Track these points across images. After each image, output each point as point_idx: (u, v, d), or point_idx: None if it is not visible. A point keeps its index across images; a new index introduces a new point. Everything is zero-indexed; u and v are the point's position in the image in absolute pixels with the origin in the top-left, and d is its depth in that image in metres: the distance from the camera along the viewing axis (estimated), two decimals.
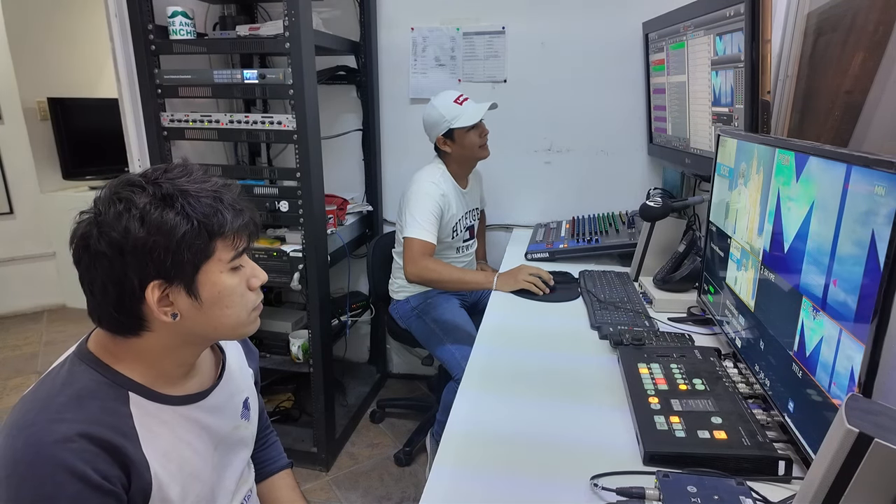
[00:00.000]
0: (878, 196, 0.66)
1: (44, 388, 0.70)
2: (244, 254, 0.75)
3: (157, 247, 0.66)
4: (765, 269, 0.97)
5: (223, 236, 0.71)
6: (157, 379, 0.75)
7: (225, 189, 0.73)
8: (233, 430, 0.87)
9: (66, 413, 0.65)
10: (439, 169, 1.91)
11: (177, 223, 0.67)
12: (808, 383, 0.80)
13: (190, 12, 1.82)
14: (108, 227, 0.66)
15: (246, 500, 0.92)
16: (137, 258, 0.66)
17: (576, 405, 1.03)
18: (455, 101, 1.83)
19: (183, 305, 0.71)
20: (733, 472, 0.80)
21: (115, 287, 0.68)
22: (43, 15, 3.31)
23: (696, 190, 1.94)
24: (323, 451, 2.05)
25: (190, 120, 1.86)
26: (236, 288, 0.74)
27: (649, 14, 1.95)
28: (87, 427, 0.65)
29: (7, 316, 3.42)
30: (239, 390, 0.90)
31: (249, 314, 0.77)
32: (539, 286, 1.56)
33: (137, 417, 0.71)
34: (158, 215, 0.66)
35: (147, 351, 0.73)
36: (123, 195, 0.68)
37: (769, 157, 0.98)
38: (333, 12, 2.28)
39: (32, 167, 3.35)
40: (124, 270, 0.67)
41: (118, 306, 0.69)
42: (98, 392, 0.69)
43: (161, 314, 0.69)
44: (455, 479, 0.84)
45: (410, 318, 1.95)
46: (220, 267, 0.72)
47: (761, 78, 1.24)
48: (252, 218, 0.75)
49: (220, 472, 0.84)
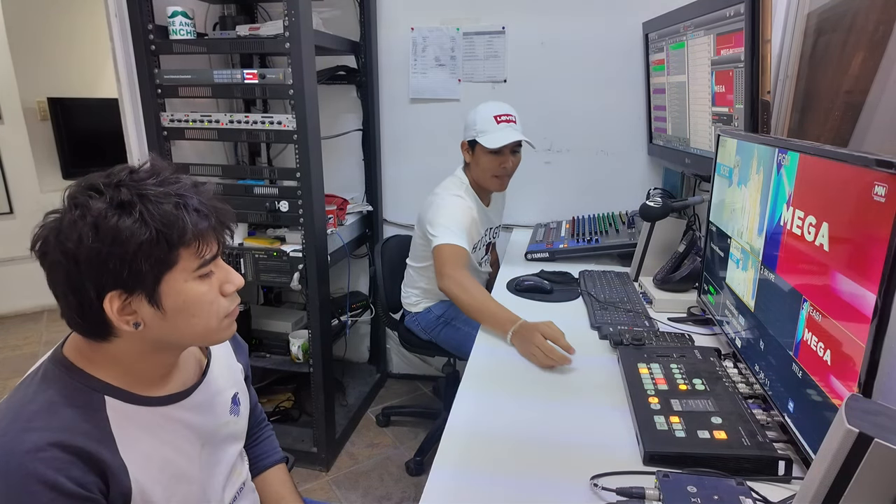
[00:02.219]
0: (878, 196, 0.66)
1: (17, 396, 0.68)
2: (216, 259, 0.71)
3: (111, 257, 0.63)
4: (765, 269, 0.97)
5: (186, 244, 0.67)
6: (135, 381, 0.73)
7: (192, 191, 0.68)
8: (220, 426, 0.85)
9: (38, 421, 0.64)
10: (463, 183, 1.81)
11: (133, 232, 0.63)
12: (808, 383, 0.80)
13: (190, 12, 1.82)
14: (63, 236, 0.63)
15: (239, 492, 0.91)
16: (92, 268, 0.63)
17: (576, 405, 1.03)
18: (495, 117, 1.70)
19: (146, 314, 0.67)
20: (733, 472, 0.80)
21: (75, 295, 0.65)
22: (43, 15, 3.31)
23: (696, 190, 1.94)
24: (323, 451, 2.05)
25: (190, 120, 1.86)
26: (204, 296, 0.70)
27: (649, 14, 1.95)
28: (59, 435, 0.63)
29: (7, 316, 3.42)
30: (226, 386, 0.89)
31: (220, 321, 0.73)
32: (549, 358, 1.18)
33: (114, 421, 0.69)
34: (114, 224, 0.62)
35: (120, 355, 0.71)
36: (80, 200, 0.64)
37: (769, 157, 0.98)
38: (333, 12, 2.28)
39: (32, 167, 3.35)
40: (81, 280, 0.64)
41: (80, 313, 0.67)
42: (72, 398, 0.68)
43: (122, 323, 0.67)
44: (455, 479, 0.84)
45: (436, 327, 1.89)
46: (185, 276, 0.68)
47: (761, 78, 1.24)
48: (221, 221, 0.71)
49: (210, 470, 0.83)
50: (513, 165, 1.77)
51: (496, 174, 1.76)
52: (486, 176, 1.77)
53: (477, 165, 1.76)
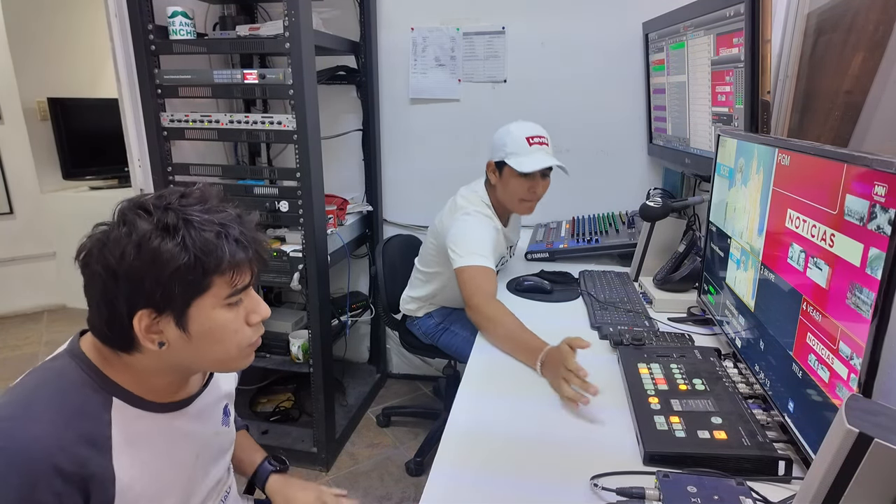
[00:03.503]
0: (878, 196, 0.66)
1: (30, 381, 0.70)
2: (247, 289, 0.73)
3: (148, 277, 0.65)
4: (764, 269, 0.97)
5: (221, 273, 0.68)
6: (145, 390, 0.74)
7: (234, 222, 0.70)
8: (214, 435, 0.87)
9: (43, 413, 0.65)
10: (485, 200, 1.68)
11: (173, 255, 0.65)
12: (809, 383, 0.80)
13: (190, 12, 1.82)
14: (107, 250, 0.65)
15: (224, 500, 0.92)
16: (129, 285, 0.65)
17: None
18: (527, 139, 1.58)
19: (171, 336, 0.69)
20: (733, 472, 0.80)
21: (107, 307, 0.67)
22: (43, 15, 3.31)
23: (696, 190, 1.94)
24: (323, 451, 2.05)
25: (190, 120, 1.86)
26: (230, 324, 0.72)
27: (649, 14, 1.95)
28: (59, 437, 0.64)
29: (7, 316, 3.42)
30: (222, 396, 0.90)
31: (241, 350, 0.74)
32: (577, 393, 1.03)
33: (116, 425, 0.70)
34: (156, 245, 0.65)
35: (136, 367, 0.73)
36: (129, 218, 0.67)
37: (769, 157, 0.98)
38: (333, 12, 2.28)
39: (32, 167, 3.35)
40: (116, 294, 0.66)
41: (109, 325, 0.68)
42: (80, 393, 0.69)
43: (147, 342, 0.68)
44: (455, 479, 0.84)
45: (436, 332, 1.89)
46: (215, 302, 0.69)
47: (761, 78, 1.24)
48: (259, 254, 0.72)
49: (198, 482, 0.83)
50: (542, 190, 1.64)
51: (524, 198, 1.63)
52: (513, 199, 1.64)
53: (505, 188, 1.63)
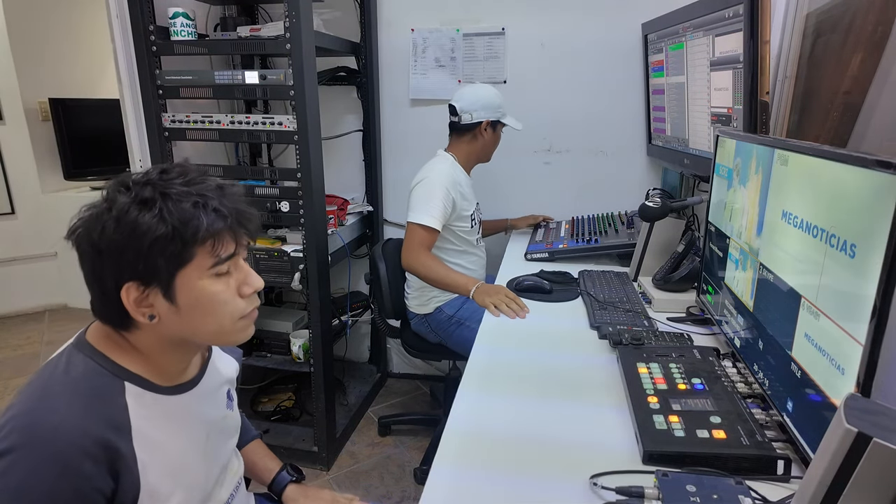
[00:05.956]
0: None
1: (42, 377, 0.70)
2: (233, 259, 0.73)
3: (128, 249, 0.66)
4: (763, 269, 0.98)
5: (201, 242, 0.69)
6: (154, 372, 0.76)
7: (214, 192, 0.71)
8: (221, 419, 0.88)
9: (62, 404, 0.66)
10: (448, 159, 1.91)
11: (150, 227, 0.66)
12: (807, 383, 0.80)
13: (191, 13, 1.82)
14: (90, 227, 0.68)
15: (235, 491, 0.93)
16: (112, 258, 0.67)
17: (575, 405, 1.03)
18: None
19: (161, 309, 0.70)
20: (732, 471, 0.80)
21: (98, 284, 0.69)
22: (44, 15, 3.32)
23: (695, 190, 1.94)
24: (323, 451, 2.05)
25: (191, 120, 1.87)
26: (218, 295, 0.72)
27: (649, 15, 1.96)
28: (80, 421, 0.65)
29: (8, 316, 3.43)
30: (224, 381, 0.92)
31: (235, 322, 0.74)
32: (511, 309, 1.47)
33: (132, 409, 0.71)
34: (133, 218, 0.66)
35: (141, 346, 0.74)
36: (110, 195, 0.69)
37: (768, 157, 0.98)
38: (334, 13, 2.29)
39: (34, 167, 3.36)
40: (102, 269, 0.68)
41: (102, 302, 0.71)
42: (94, 381, 0.70)
43: (138, 315, 0.70)
44: (455, 479, 0.84)
45: (449, 328, 1.88)
46: (200, 273, 0.70)
47: (760, 78, 1.24)
48: (240, 222, 0.72)
49: (210, 463, 0.85)
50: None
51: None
52: (491, 150, 1.97)
53: (494, 142, 1.95)
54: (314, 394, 2.01)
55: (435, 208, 1.78)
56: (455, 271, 1.78)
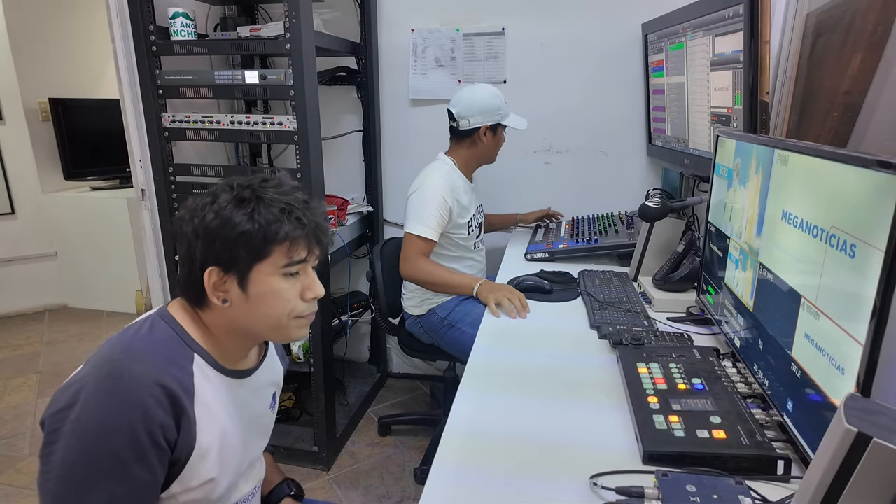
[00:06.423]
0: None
1: (127, 334, 0.79)
2: (303, 265, 0.82)
3: (219, 237, 0.77)
4: (763, 269, 0.98)
5: (279, 243, 0.78)
6: (219, 352, 0.84)
7: (300, 204, 0.81)
8: (260, 416, 0.95)
9: (144, 357, 0.75)
10: (447, 164, 1.88)
11: (240, 221, 0.76)
12: (807, 383, 0.80)
13: (191, 13, 1.82)
14: (194, 213, 0.79)
15: (255, 490, 0.96)
16: (204, 243, 0.77)
17: (575, 405, 1.03)
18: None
19: (234, 295, 0.79)
20: (732, 471, 0.80)
21: (188, 263, 0.80)
22: (44, 16, 3.32)
23: (695, 190, 1.94)
24: (323, 451, 2.05)
25: (191, 120, 1.87)
26: (283, 292, 0.80)
27: (649, 15, 1.96)
28: (158, 375, 0.73)
29: (8, 316, 3.43)
30: (273, 381, 0.99)
31: (291, 319, 0.82)
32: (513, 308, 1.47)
33: (197, 378, 0.79)
34: (229, 212, 0.77)
35: (211, 325, 0.83)
36: (216, 191, 0.80)
37: (768, 157, 0.98)
38: (334, 13, 2.29)
39: (34, 167, 3.36)
40: (194, 251, 0.78)
41: (188, 279, 0.80)
42: (170, 346, 0.79)
43: (214, 297, 0.79)
44: (455, 479, 0.84)
45: (441, 330, 1.89)
46: (272, 270, 0.79)
47: (760, 78, 1.24)
48: (315, 233, 0.82)
49: (245, 451, 0.90)
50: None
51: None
52: (494, 153, 1.93)
53: (496, 146, 1.91)
54: (314, 394, 2.01)
55: (431, 218, 1.77)
56: (456, 272, 1.78)
